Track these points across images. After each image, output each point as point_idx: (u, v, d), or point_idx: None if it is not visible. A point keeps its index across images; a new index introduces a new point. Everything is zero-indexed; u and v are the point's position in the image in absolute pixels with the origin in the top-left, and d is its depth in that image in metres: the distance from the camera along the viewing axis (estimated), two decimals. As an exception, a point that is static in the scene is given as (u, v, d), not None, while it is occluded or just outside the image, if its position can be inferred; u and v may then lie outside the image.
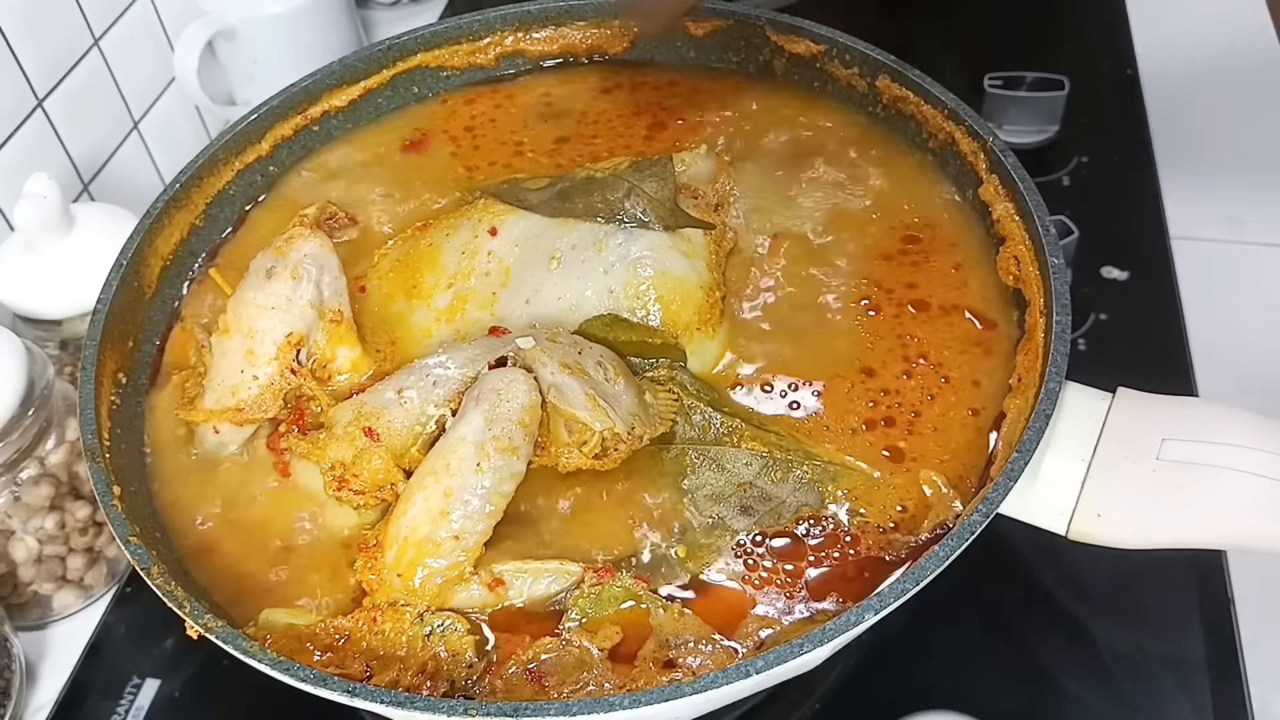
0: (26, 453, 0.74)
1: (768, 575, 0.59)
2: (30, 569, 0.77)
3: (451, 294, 0.70)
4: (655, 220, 0.69)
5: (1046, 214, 0.66)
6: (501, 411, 0.60)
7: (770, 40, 0.84)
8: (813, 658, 0.52)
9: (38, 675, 0.78)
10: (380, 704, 0.50)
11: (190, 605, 0.54)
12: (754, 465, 0.63)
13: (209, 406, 0.66)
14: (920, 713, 0.67)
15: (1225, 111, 1.10)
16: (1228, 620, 0.74)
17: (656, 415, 0.64)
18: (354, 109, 0.85)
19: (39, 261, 0.83)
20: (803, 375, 0.67)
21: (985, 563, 0.58)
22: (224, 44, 1.10)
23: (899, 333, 0.69)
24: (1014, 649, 0.74)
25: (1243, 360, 0.88)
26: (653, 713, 0.50)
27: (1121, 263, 0.96)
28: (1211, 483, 0.57)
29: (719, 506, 0.62)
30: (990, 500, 0.55)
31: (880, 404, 0.65)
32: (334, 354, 0.67)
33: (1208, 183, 1.03)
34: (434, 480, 0.59)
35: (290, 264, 0.67)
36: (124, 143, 1.03)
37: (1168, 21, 1.21)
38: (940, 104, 0.75)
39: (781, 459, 0.63)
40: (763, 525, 0.61)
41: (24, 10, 0.89)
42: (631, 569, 0.59)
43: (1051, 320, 0.62)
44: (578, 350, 0.64)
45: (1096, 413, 0.60)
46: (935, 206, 0.76)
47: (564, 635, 0.57)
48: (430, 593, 0.57)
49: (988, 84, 1.05)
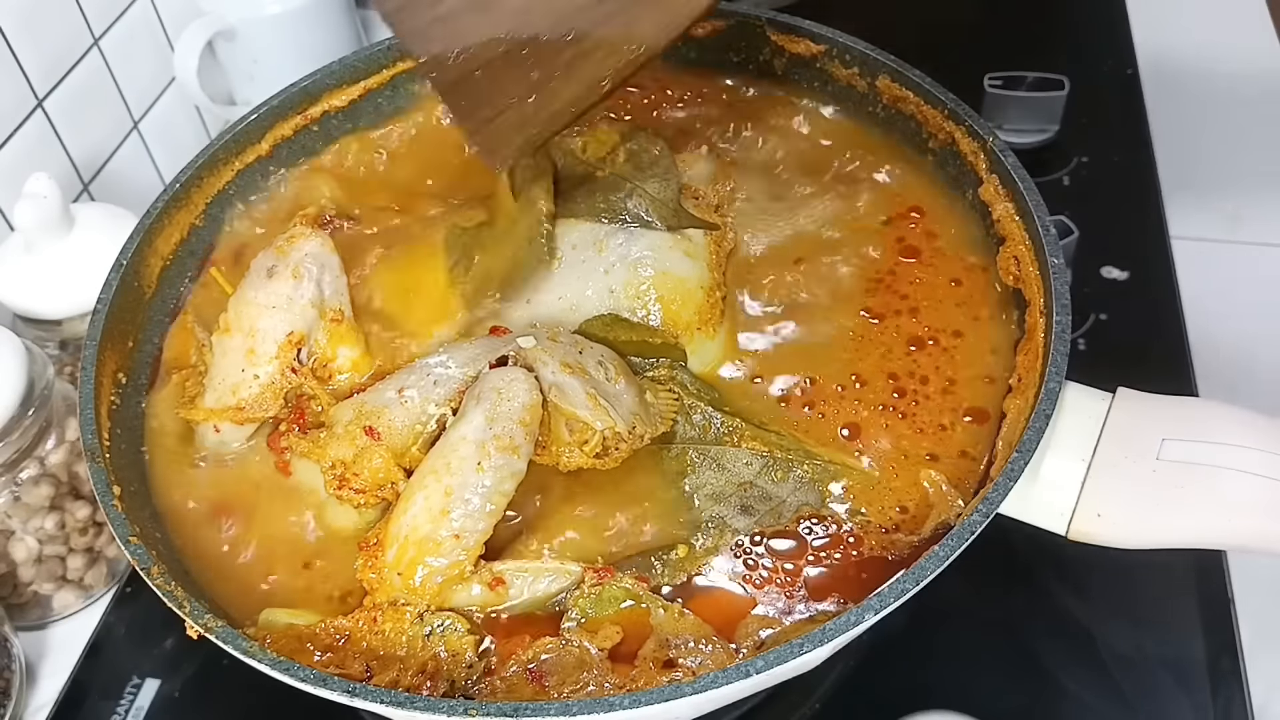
0: (26, 453, 0.74)
1: (768, 575, 0.59)
2: (30, 569, 0.77)
3: (453, 294, 0.70)
4: (658, 220, 0.69)
5: (1046, 214, 0.66)
6: (502, 410, 0.60)
7: (770, 40, 0.84)
8: (813, 658, 0.52)
9: (38, 675, 0.78)
10: (380, 704, 0.50)
11: (190, 605, 0.54)
12: (754, 465, 0.63)
13: (210, 405, 0.66)
14: (920, 713, 0.67)
15: (1225, 111, 1.10)
16: (1228, 620, 0.74)
17: (657, 414, 0.64)
18: (354, 109, 0.85)
19: (39, 261, 0.83)
20: (802, 375, 0.67)
21: (985, 563, 0.58)
22: (224, 44, 1.10)
23: (899, 332, 0.69)
24: (1014, 649, 0.74)
25: (1243, 360, 0.88)
26: (653, 713, 0.50)
27: (1121, 263, 0.96)
28: (1211, 483, 0.57)
29: (719, 506, 0.62)
30: (990, 500, 0.55)
31: (880, 404, 0.65)
32: (335, 353, 0.67)
33: (1208, 182, 1.03)
34: (434, 479, 0.59)
35: (291, 263, 0.67)
36: (124, 143, 1.03)
37: (1168, 21, 1.21)
38: (940, 104, 0.75)
39: (782, 458, 0.63)
40: (763, 525, 0.61)
41: (24, 10, 0.89)
42: (632, 569, 0.59)
43: (1051, 320, 0.62)
44: (578, 350, 0.64)
45: (1096, 413, 0.60)
46: (936, 208, 0.76)
47: (564, 635, 0.57)
48: (430, 591, 0.57)
49: (988, 84, 1.05)
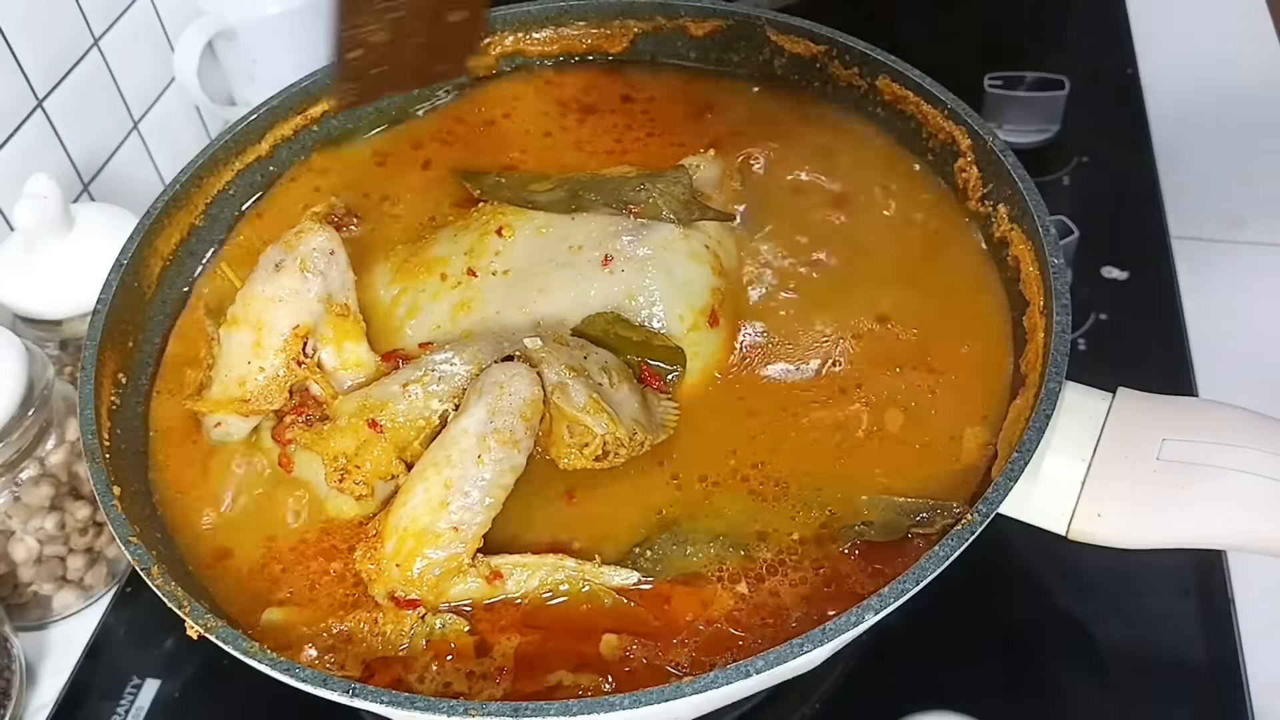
0: (26, 453, 0.74)
1: (767, 576, 0.59)
2: (30, 569, 0.77)
3: (457, 294, 0.70)
4: (670, 213, 0.69)
5: (1046, 214, 0.66)
6: (504, 404, 0.60)
7: (770, 40, 0.84)
8: (813, 658, 0.52)
9: (38, 675, 0.78)
10: (380, 704, 0.50)
11: (190, 605, 0.54)
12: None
13: (215, 397, 0.66)
14: (920, 713, 0.67)
15: (1225, 111, 1.10)
16: (1228, 620, 0.74)
17: (659, 422, 0.64)
18: (354, 109, 0.85)
19: (39, 261, 0.83)
20: (804, 376, 0.67)
21: (985, 563, 0.58)
22: (224, 44, 1.10)
23: (899, 331, 0.69)
24: (1014, 649, 0.74)
25: (1243, 360, 0.88)
26: (653, 713, 0.50)
27: (1121, 263, 0.96)
28: (1211, 483, 0.57)
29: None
30: (990, 500, 0.55)
31: (881, 406, 0.65)
32: (340, 347, 0.68)
33: (1208, 183, 1.03)
34: (435, 472, 0.59)
35: (299, 257, 0.67)
36: (124, 143, 1.03)
37: (1168, 21, 1.21)
38: (940, 104, 0.75)
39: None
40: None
41: (24, 10, 0.89)
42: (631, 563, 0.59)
43: (1051, 320, 0.62)
44: (583, 354, 0.64)
45: (1096, 413, 0.60)
46: (938, 208, 0.75)
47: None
48: (428, 583, 0.58)
49: (988, 84, 1.06)
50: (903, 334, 0.69)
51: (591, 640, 0.57)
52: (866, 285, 0.71)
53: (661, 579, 0.59)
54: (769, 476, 0.63)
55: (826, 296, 0.71)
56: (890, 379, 0.67)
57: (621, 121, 0.84)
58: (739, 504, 0.62)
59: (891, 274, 0.72)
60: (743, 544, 0.60)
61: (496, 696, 0.56)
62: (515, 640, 0.58)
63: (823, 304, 0.71)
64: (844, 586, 0.58)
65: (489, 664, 0.57)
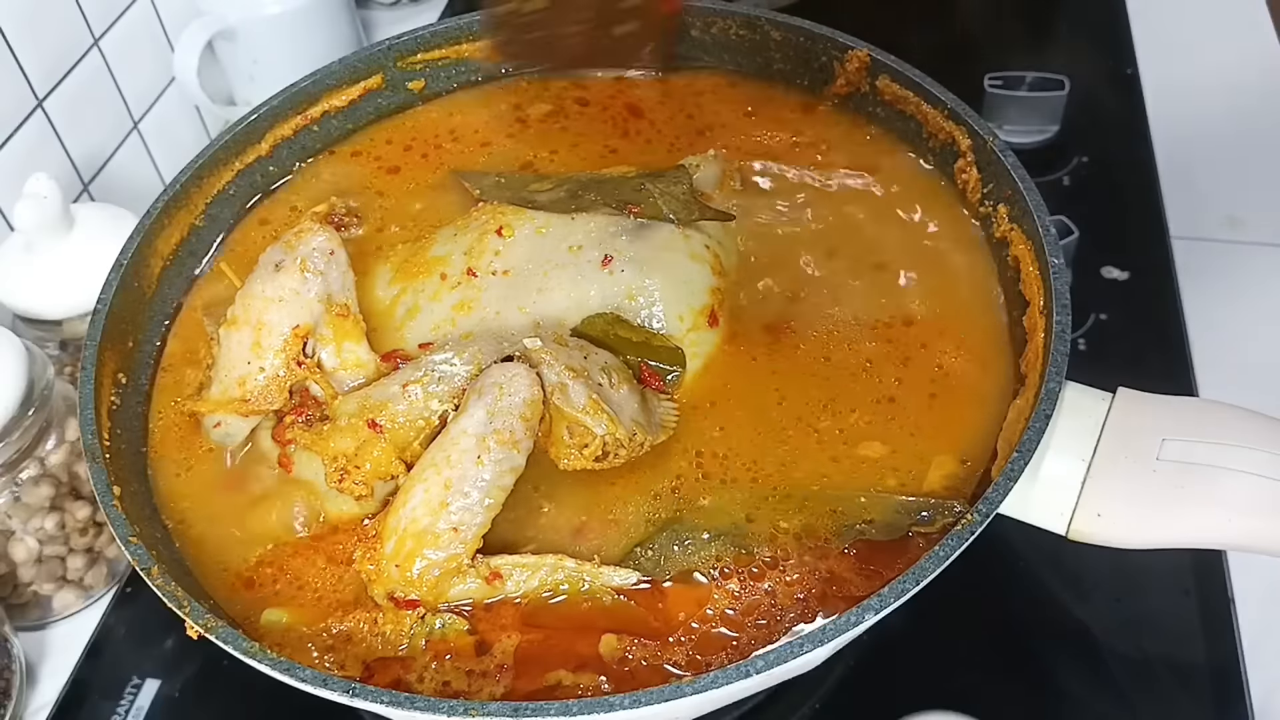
0: (26, 453, 0.74)
1: (767, 574, 0.59)
2: (30, 569, 0.77)
3: (457, 295, 0.70)
4: (671, 213, 0.69)
5: (1046, 214, 0.66)
6: (503, 405, 0.60)
7: (771, 40, 0.84)
8: (813, 658, 0.52)
9: (38, 675, 0.78)
10: (380, 704, 0.51)
11: (190, 605, 0.54)
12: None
13: (215, 397, 0.66)
14: (920, 713, 0.67)
15: (1225, 111, 1.10)
16: (1228, 620, 0.74)
17: (658, 423, 0.64)
18: (354, 109, 0.85)
19: (39, 261, 0.83)
20: (805, 376, 0.67)
21: (985, 563, 0.58)
22: (224, 44, 1.10)
23: (899, 331, 0.69)
24: (1014, 649, 0.74)
25: (1243, 360, 0.88)
26: (653, 713, 0.50)
27: (1121, 263, 0.96)
28: (1211, 483, 0.57)
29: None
30: (990, 500, 0.55)
31: (881, 405, 0.66)
32: (340, 347, 0.68)
33: (1208, 183, 1.03)
34: (434, 472, 0.59)
35: (299, 257, 0.67)
36: (124, 143, 1.03)
37: (1168, 21, 1.21)
38: (940, 104, 0.75)
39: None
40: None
41: (24, 10, 0.89)
42: (632, 562, 0.59)
43: (1051, 320, 0.62)
44: (583, 355, 0.64)
45: (1096, 413, 0.60)
46: (938, 208, 0.76)
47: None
48: (428, 583, 0.58)
49: (988, 84, 1.06)
50: (903, 333, 0.69)
51: (591, 640, 0.57)
52: (866, 285, 0.71)
53: (662, 578, 0.59)
54: (769, 476, 0.63)
55: (826, 296, 0.71)
56: (890, 378, 0.67)
57: (620, 123, 0.84)
58: (739, 503, 0.62)
59: (891, 274, 0.72)
60: (743, 543, 0.60)
61: (496, 696, 0.56)
62: (515, 640, 0.58)
63: (822, 304, 0.71)
64: (843, 587, 0.58)
65: (489, 663, 0.57)
